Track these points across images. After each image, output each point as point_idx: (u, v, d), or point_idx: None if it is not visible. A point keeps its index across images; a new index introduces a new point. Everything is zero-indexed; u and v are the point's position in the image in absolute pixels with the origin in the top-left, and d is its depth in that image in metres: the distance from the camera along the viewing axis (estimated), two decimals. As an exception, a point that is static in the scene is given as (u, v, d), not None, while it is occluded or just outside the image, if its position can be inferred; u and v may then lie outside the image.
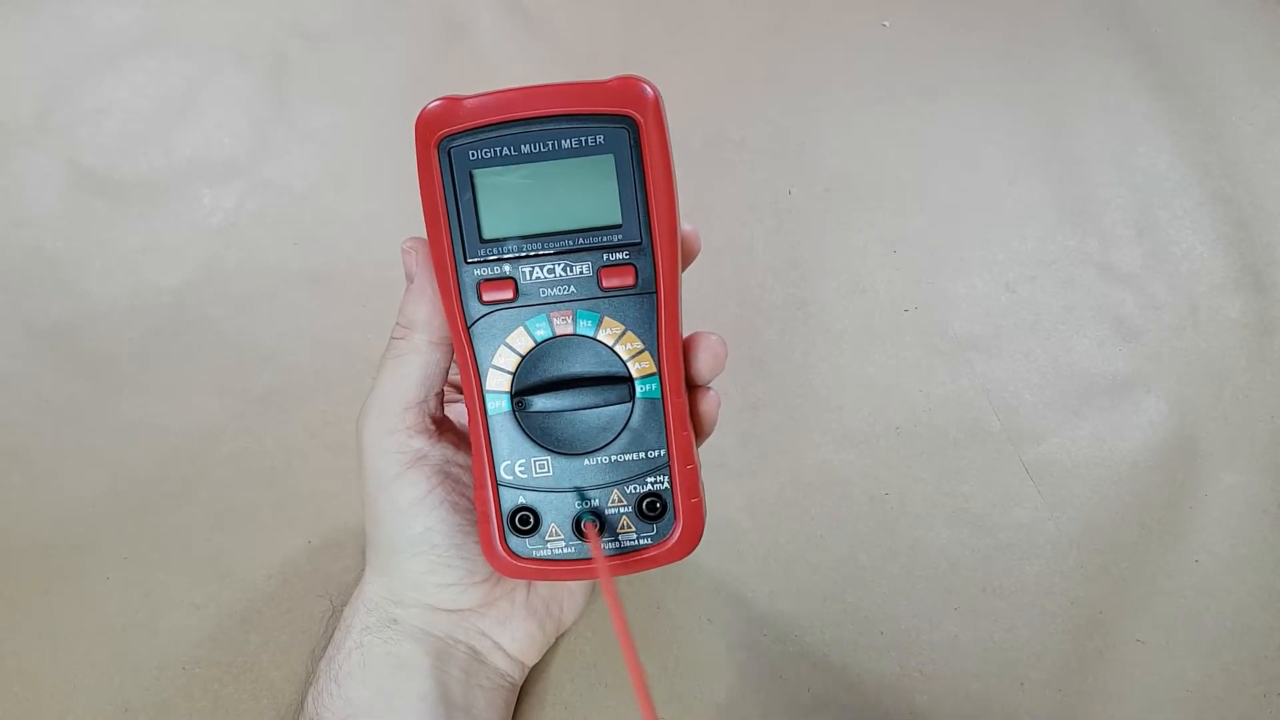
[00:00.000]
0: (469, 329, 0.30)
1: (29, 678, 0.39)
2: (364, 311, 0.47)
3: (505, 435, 0.31)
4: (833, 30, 0.56)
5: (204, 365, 0.46)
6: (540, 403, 0.30)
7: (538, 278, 0.30)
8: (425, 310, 0.31)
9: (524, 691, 0.37)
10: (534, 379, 0.30)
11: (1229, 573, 0.40)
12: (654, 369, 0.30)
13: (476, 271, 0.30)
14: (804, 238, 0.49)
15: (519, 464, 0.31)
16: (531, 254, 0.30)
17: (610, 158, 0.29)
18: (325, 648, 0.34)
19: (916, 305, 0.47)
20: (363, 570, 0.35)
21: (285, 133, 0.52)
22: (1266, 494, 0.42)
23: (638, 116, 0.29)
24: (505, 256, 0.30)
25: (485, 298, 0.30)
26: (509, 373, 0.30)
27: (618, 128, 0.29)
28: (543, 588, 0.35)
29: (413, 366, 0.31)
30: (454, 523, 0.32)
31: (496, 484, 0.31)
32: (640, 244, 0.29)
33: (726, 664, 0.39)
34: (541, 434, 0.31)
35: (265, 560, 0.41)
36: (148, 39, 0.56)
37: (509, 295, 0.30)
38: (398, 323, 0.32)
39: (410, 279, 0.31)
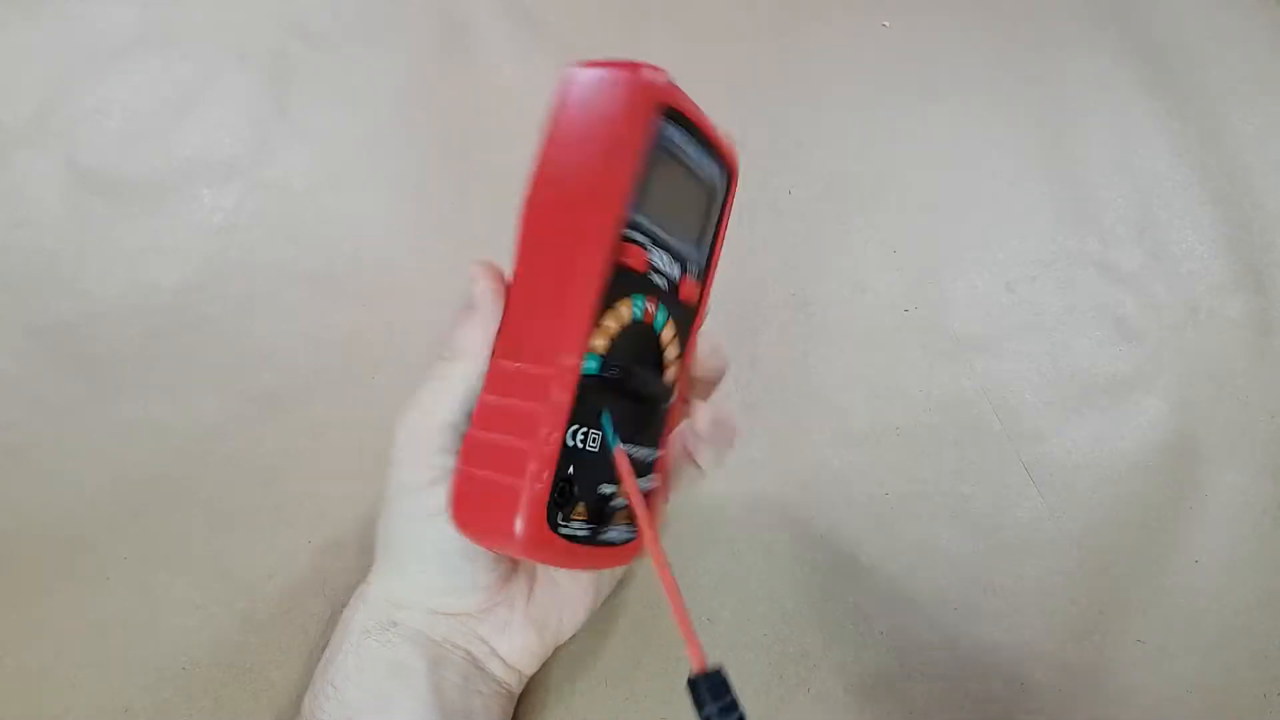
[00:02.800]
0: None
1: (29, 678, 0.39)
2: (364, 311, 0.47)
3: (585, 398, 0.29)
4: (833, 30, 0.56)
5: (204, 365, 0.46)
6: (617, 378, 0.30)
7: (654, 264, 0.31)
8: (480, 340, 0.30)
9: (523, 692, 0.37)
10: (615, 355, 0.30)
11: (1229, 573, 0.40)
12: (674, 378, 0.32)
13: (626, 233, 0.29)
14: (804, 238, 0.49)
15: (582, 432, 0.29)
16: (659, 243, 0.31)
17: (718, 192, 0.33)
18: (323, 650, 0.34)
19: (916, 305, 0.47)
20: (365, 572, 0.35)
21: (285, 133, 0.52)
22: (1266, 494, 0.42)
23: (734, 168, 0.33)
24: (644, 234, 0.30)
25: (623, 259, 0.29)
26: (608, 338, 0.29)
27: (725, 172, 0.33)
28: (543, 596, 0.35)
29: (457, 392, 0.31)
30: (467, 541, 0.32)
31: (563, 445, 0.29)
32: (704, 268, 0.33)
33: (727, 664, 0.39)
34: (605, 409, 0.30)
35: (265, 560, 0.41)
36: (148, 39, 0.56)
37: (641, 268, 0.30)
38: (448, 345, 0.31)
39: (473, 306, 0.31)
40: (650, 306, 0.30)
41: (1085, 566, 0.40)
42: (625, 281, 0.29)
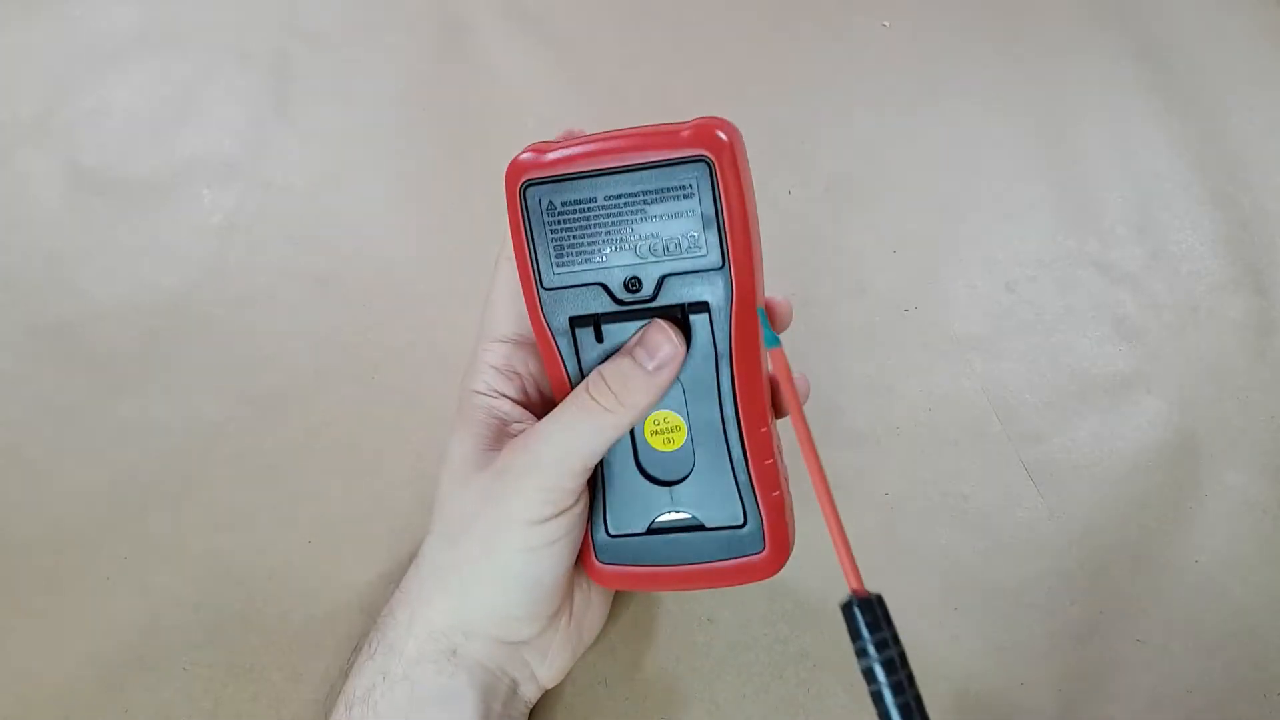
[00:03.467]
0: None
1: (29, 678, 0.39)
2: (364, 311, 0.47)
3: None
4: (833, 30, 0.56)
5: (204, 365, 0.46)
6: None
7: None
8: (651, 402, 0.30)
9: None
10: None
11: (1229, 573, 0.40)
12: None
13: None
14: (804, 238, 0.49)
15: None
16: None
17: None
18: (351, 668, 0.33)
19: (916, 305, 0.47)
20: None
21: (285, 133, 0.52)
22: (1266, 494, 0.42)
23: None
24: None
25: None
26: None
27: None
28: (578, 614, 0.35)
29: (606, 438, 0.30)
30: (567, 565, 0.32)
31: None
32: None
33: (726, 664, 0.39)
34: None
35: (265, 560, 0.41)
36: (148, 39, 0.56)
37: None
38: (614, 391, 0.30)
39: (660, 364, 0.30)
40: None
41: (1085, 566, 0.40)
42: None
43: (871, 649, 0.26)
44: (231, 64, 0.55)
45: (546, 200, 0.30)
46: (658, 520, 0.33)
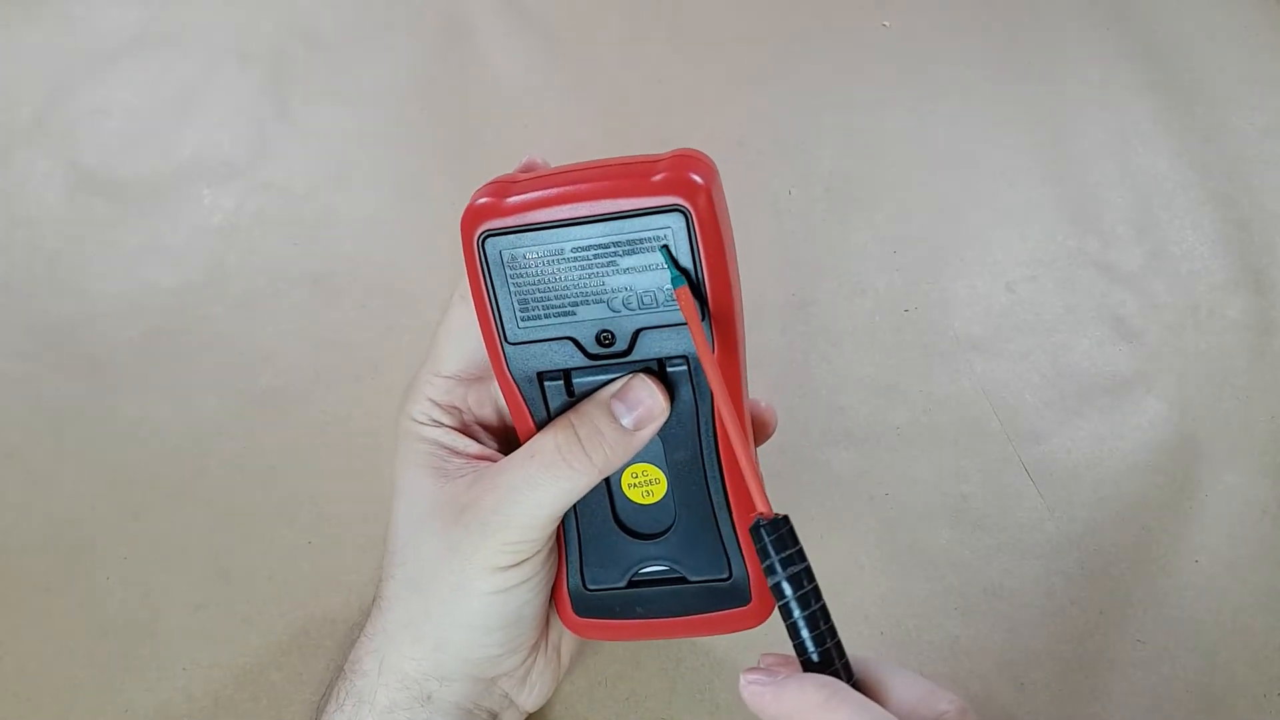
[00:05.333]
0: None
1: (29, 678, 0.39)
2: (364, 312, 0.47)
3: None
4: (833, 30, 0.56)
5: (204, 365, 0.46)
6: None
7: None
8: (624, 459, 0.29)
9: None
10: None
11: (1229, 573, 0.40)
12: None
13: None
14: (804, 238, 0.49)
15: None
16: None
17: None
18: (320, 717, 0.33)
19: (916, 305, 0.47)
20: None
21: (285, 133, 0.52)
22: (1266, 494, 0.42)
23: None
24: None
25: None
26: None
27: None
28: (554, 639, 0.35)
29: (576, 494, 0.29)
30: (544, 599, 0.32)
31: None
32: None
33: (727, 664, 0.39)
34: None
35: (265, 560, 0.41)
36: (148, 39, 0.56)
37: None
38: (587, 451, 0.29)
39: (651, 415, 0.29)
40: None
41: (1085, 566, 0.40)
42: None
43: (779, 566, 0.26)
44: (231, 64, 0.55)
45: (508, 253, 0.28)
46: (637, 574, 0.31)
